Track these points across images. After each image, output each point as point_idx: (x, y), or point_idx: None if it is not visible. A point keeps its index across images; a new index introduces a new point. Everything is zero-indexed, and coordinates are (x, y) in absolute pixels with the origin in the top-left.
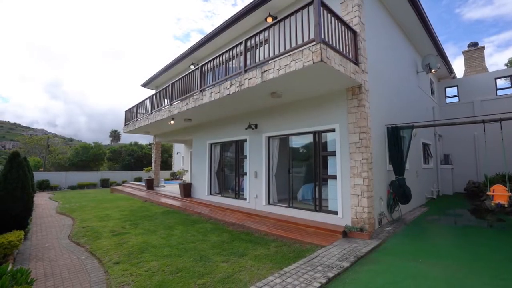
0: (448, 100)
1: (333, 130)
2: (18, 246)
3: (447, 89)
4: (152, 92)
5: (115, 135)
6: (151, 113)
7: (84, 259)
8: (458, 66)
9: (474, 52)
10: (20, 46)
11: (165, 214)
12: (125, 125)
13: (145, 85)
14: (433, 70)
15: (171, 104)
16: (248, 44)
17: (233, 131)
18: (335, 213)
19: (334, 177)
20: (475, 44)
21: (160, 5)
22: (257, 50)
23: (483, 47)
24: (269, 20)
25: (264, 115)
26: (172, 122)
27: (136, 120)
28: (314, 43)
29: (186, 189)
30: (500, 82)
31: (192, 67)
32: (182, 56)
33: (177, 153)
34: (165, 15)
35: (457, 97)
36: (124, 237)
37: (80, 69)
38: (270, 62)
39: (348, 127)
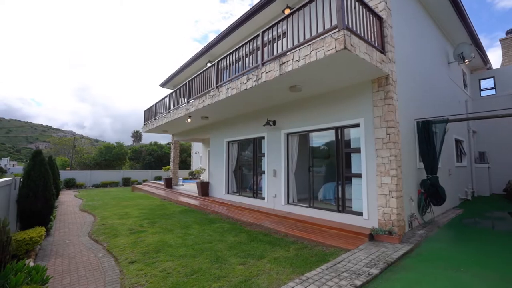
0: (483, 93)
1: (357, 125)
2: (39, 242)
3: (481, 81)
4: (170, 91)
5: (136, 135)
6: (169, 111)
7: (101, 257)
8: (491, 58)
9: None
10: (52, 54)
11: (182, 213)
12: (144, 124)
13: (163, 84)
14: (467, 60)
15: (188, 102)
16: (266, 38)
17: (251, 128)
18: (360, 214)
19: (359, 175)
20: None
21: (179, 9)
22: (275, 44)
23: None
24: (287, 11)
25: (283, 111)
26: (189, 120)
27: (155, 119)
28: (336, 29)
29: (204, 188)
30: None
31: (208, 64)
32: (199, 54)
33: (196, 153)
34: (184, 18)
35: (494, 90)
36: (141, 236)
37: (105, 73)
38: (288, 53)
39: (374, 122)
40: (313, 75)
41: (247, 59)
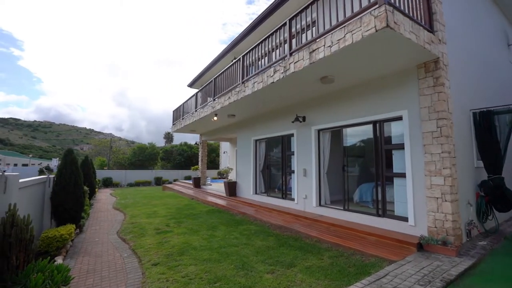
0: None
1: (399, 118)
2: (68, 239)
3: None
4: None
5: (168, 136)
6: (195, 110)
7: (126, 257)
8: None
9: None
10: (94, 62)
11: (209, 213)
12: (173, 124)
13: (191, 85)
14: None
15: (214, 100)
16: (293, 29)
17: (279, 125)
18: (404, 219)
19: (402, 175)
20: None
21: (207, 13)
22: (303, 35)
23: None
24: None
25: (313, 105)
26: (215, 118)
27: (182, 119)
28: (376, 5)
29: (231, 188)
30: None
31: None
32: (224, 52)
33: (224, 152)
34: (212, 21)
35: None
36: (167, 236)
37: (140, 77)
38: (319, 40)
39: (421, 113)
40: (347, 62)
41: (273, 53)
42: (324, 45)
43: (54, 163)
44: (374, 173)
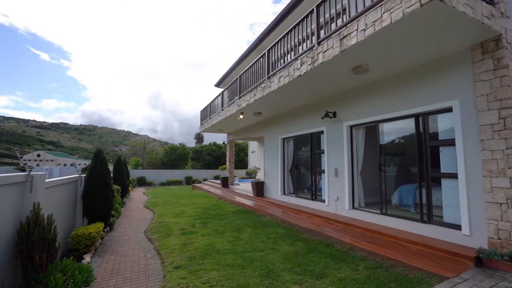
0: None
1: (448, 110)
2: (97, 238)
3: None
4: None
5: (199, 137)
6: (222, 109)
7: (150, 258)
8: None
9: None
10: (129, 69)
11: (236, 213)
12: (200, 124)
13: (217, 84)
14: None
15: (239, 97)
16: (321, 19)
17: (307, 122)
18: (456, 227)
19: (453, 175)
20: None
21: (236, 14)
22: (332, 24)
23: None
24: None
25: (345, 100)
26: (241, 116)
27: (209, 118)
28: None
29: (259, 188)
30: None
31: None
32: (250, 49)
33: (252, 152)
34: (239, 22)
35: None
36: (191, 237)
37: (173, 81)
38: (350, 25)
39: (477, 103)
40: (384, 47)
41: (300, 47)
42: (357, 29)
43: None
44: (417, 173)
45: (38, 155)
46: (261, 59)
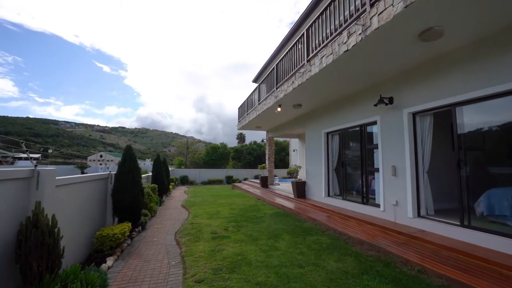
0: None
1: None
2: (121, 239)
3: None
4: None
5: (241, 137)
6: (258, 103)
7: (173, 266)
8: None
9: None
10: (176, 73)
11: (274, 216)
12: (238, 121)
13: (255, 80)
14: None
15: (276, 88)
16: None
17: (356, 113)
18: None
19: None
20: None
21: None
22: None
23: None
24: None
25: (405, 80)
26: (279, 109)
27: (247, 114)
28: None
29: (299, 189)
30: None
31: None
32: (287, 38)
33: (294, 150)
34: (283, 20)
35: None
36: (222, 243)
37: (216, 84)
38: None
39: None
40: None
41: (346, 18)
42: None
43: (148, 163)
44: None
45: (101, 156)
46: (299, 42)
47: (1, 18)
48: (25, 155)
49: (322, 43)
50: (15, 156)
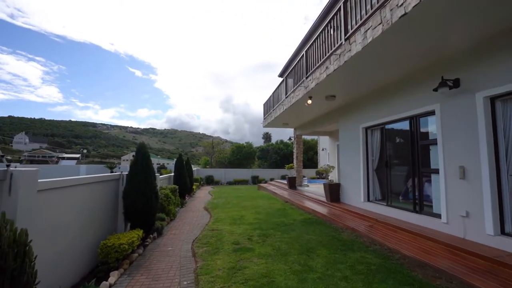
0: None
1: None
2: (128, 250)
3: None
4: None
5: (267, 136)
6: (286, 97)
7: (184, 287)
8: None
9: None
10: (202, 75)
11: (305, 223)
12: (263, 118)
13: (281, 74)
14: None
15: (306, 77)
16: None
17: (405, 102)
18: None
19: None
20: None
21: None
22: None
23: None
24: None
25: (479, 55)
26: (309, 102)
27: (273, 110)
28: None
29: (333, 192)
30: None
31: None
32: (315, 26)
33: (323, 149)
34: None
35: None
36: (244, 258)
37: (242, 84)
38: None
39: None
40: None
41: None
42: None
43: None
44: None
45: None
46: (334, 20)
47: (49, 31)
48: (68, 155)
49: (366, 16)
50: (59, 156)
